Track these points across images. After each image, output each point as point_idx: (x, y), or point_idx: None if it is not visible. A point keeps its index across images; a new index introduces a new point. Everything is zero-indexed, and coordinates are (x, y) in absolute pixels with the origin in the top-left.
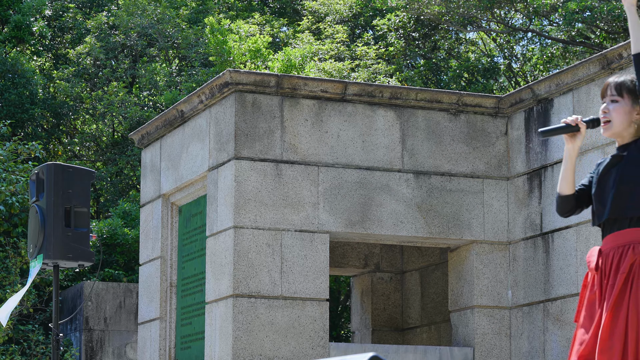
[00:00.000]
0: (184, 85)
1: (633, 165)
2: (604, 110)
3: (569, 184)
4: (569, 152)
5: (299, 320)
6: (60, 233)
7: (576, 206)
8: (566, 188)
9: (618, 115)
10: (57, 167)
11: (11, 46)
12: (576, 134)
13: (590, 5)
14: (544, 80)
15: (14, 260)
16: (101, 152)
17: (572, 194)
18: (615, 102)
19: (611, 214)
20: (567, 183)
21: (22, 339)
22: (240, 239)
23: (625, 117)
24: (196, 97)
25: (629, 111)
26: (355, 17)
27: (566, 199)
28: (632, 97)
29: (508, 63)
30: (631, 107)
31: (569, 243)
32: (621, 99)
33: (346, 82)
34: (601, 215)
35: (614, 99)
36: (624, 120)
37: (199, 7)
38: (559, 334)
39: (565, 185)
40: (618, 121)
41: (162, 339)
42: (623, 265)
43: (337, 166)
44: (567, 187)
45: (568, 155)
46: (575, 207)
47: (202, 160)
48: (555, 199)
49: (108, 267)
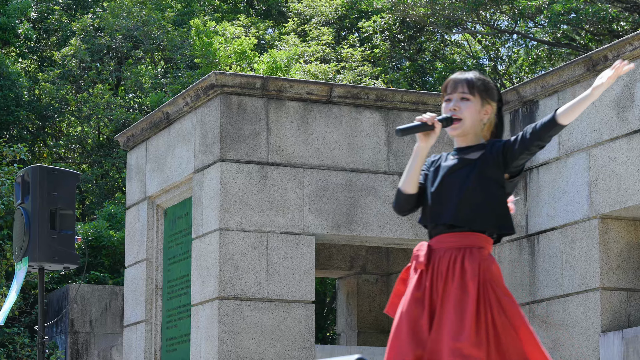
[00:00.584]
0: (169, 88)
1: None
2: (454, 107)
3: (414, 183)
4: (422, 150)
5: (284, 322)
6: (45, 235)
7: (416, 205)
8: (410, 187)
9: (470, 114)
10: (43, 169)
11: None
12: (430, 133)
13: (576, 7)
14: (530, 82)
15: (0, 263)
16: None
17: (415, 194)
18: (467, 100)
19: (453, 220)
20: (413, 181)
21: (8, 341)
22: (226, 241)
23: (476, 116)
24: (182, 99)
25: (478, 110)
26: (341, 19)
27: (409, 198)
28: (481, 96)
29: (493, 65)
30: (480, 106)
31: (554, 245)
32: (472, 97)
33: (332, 84)
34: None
35: (466, 96)
36: (474, 120)
37: (184, 10)
38: (544, 335)
39: (410, 183)
40: (469, 120)
41: (147, 341)
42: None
43: (322, 168)
44: (412, 185)
45: (419, 154)
46: (416, 206)
47: (188, 163)
48: (396, 196)
49: (93, 269)
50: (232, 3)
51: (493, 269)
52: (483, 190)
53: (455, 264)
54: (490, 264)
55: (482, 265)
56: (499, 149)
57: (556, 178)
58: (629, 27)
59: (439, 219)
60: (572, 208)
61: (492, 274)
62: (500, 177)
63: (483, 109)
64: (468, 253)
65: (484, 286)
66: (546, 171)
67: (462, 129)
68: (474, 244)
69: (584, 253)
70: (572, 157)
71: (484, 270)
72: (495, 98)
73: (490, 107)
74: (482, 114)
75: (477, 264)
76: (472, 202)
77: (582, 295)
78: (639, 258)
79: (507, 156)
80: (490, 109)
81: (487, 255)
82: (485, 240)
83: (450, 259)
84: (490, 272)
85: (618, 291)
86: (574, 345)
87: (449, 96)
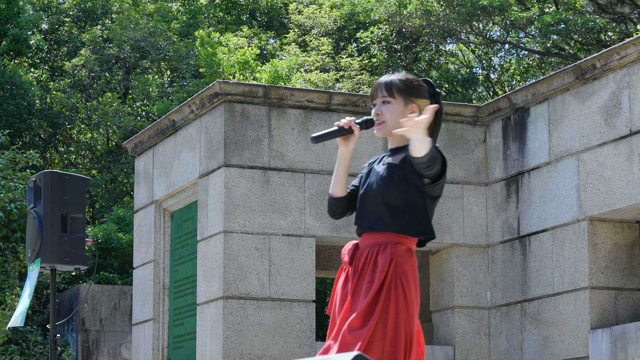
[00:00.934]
0: (175, 96)
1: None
2: (376, 113)
3: (341, 186)
4: (344, 154)
5: (286, 320)
6: (57, 238)
7: (348, 207)
8: (338, 190)
9: (392, 115)
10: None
11: (9, 59)
12: (350, 137)
13: (565, 18)
14: (521, 90)
15: (13, 264)
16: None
17: (344, 196)
18: (388, 103)
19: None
20: (340, 185)
21: (21, 339)
22: (230, 243)
23: (398, 116)
24: (187, 107)
25: (401, 111)
26: (340, 30)
27: (338, 201)
28: (402, 96)
29: (486, 73)
30: (404, 106)
31: (545, 246)
32: (393, 99)
33: (331, 92)
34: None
35: (386, 99)
36: (397, 120)
37: (189, 21)
38: (535, 333)
39: (338, 187)
40: (392, 121)
41: (155, 339)
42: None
43: (322, 173)
44: (340, 189)
45: (342, 157)
46: (347, 209)
47: (193, 168)
48: (328, 201)
49: (103, 270)
50: (235, 15)
51: (406, 265)
52: (401, 196)
53: (370, 259)
54: (405, 260)
55: (394, 260)
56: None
57: (547, 182)
58: (616, 37)
59: (361, 221)
60: (562, 210)
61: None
62: (418, 182)
63: (407, 108)
64: (382, 248)
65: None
66: (537, 175)
67: (384, 130)
68: (390, 240)
69: (573, 254)
70: (562, 162)
71: (395, 264)
72: (422, 95)
73: (415, 105)
74: (407, 113)
75: (388, 259)
76: (390, 206)
77: (571, 294)
78: (626, 258)
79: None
80: (416, 107)
81: (404, 251)
82: (404, 237)
83: (368, 254)
84: (401, 266)
85: (606, 290)
86: (564, 342)
87: (374, 101)
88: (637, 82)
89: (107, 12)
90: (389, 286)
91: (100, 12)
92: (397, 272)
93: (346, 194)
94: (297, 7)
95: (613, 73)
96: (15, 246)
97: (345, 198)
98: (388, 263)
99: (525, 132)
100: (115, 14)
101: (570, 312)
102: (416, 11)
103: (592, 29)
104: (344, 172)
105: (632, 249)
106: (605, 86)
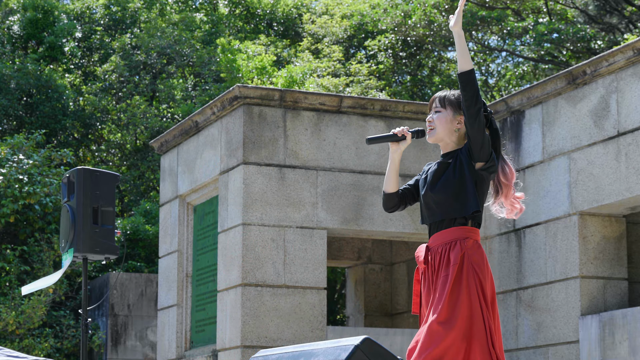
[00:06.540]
0: (198, 99)
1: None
2: (429, 120)
3: (392, 183)
4: (394, 156)
5: (300, 306)
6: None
7: (399, 203)
8: (390, 187)
9: (441, 123)
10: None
11: (45, 64)
12: (400, 142)
13: (558, 28)
14: (517, 94)
15: (48, 254)
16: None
17: (395, 192)
18: (439, 112)
19: (439, 216)
20: (391, 182)
21: (55, 323)
22: (248, 235)
23: (447, 125)
24: (209, 109)
25: (450, 120)
26: (350, 39)
27: (390, 197)
28: (453, 108)
29: (485, 79)
30: (452, 117)
31: (538, 238)
32: (444, 110)
33: (341, 96)
34: (426, 217)
35: (438, 109)
36: (445, 128)
37: (211, 30)
38: (530, 319)
39: (389, 184)
40: (441, 128)
41: (179, 323)
42: (452, 259)
43: (333, 170)
44: (391, 185)
45: (392, 159)
46: (399, 204)
47: (215, 165)
48: (382, 196)
49: (131, 259)
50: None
51: (476, 255)
52: (456, 186)
53: (444, 256)
54: (474, 251)
55: (465, 253)
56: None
57: (540, 179)
58: (605, 45)
59: (427, 219)
60: (554, 205)
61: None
62: (472, 171)
63: (455, 119)
64: (452, 245)
65: (467, 270)
66: (531, 173)
67: (435, 136)
68: (458, 236)
69: (565, 245)
70: (555, 161)
71: (467, 257)
72: None
73: (462, 117)
74: (455, 123)
75: (460, 253)
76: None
77: (563, 283)
78: (614, 250)
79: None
80: (463, 119)
81: (472, 244)
82: (468, 231)
83: (441, 253)
84: (473, 257)
85: (595, 279)
86: (556, 327)
87: (430, 113)
88: (625, 87)
89: (136, 21)
90: (464, 276)
91: (129, 22)
92: (470, 263)
93: (397, 190)
94: (310, 17)
95: (602, 79)
96: (50, 237)
97: (396, 194)
98: (460, 256)
99: (520, 133)
100: (143, 23)
101: (562, 300)
102: (420, 21)
103: (582, 38)
104: (395, 171)
105: (620, 241)
106: (594, 91)
